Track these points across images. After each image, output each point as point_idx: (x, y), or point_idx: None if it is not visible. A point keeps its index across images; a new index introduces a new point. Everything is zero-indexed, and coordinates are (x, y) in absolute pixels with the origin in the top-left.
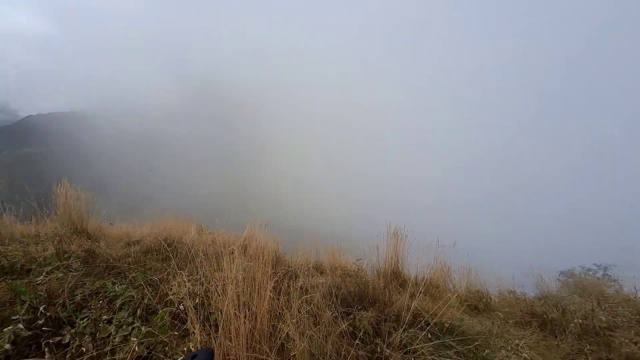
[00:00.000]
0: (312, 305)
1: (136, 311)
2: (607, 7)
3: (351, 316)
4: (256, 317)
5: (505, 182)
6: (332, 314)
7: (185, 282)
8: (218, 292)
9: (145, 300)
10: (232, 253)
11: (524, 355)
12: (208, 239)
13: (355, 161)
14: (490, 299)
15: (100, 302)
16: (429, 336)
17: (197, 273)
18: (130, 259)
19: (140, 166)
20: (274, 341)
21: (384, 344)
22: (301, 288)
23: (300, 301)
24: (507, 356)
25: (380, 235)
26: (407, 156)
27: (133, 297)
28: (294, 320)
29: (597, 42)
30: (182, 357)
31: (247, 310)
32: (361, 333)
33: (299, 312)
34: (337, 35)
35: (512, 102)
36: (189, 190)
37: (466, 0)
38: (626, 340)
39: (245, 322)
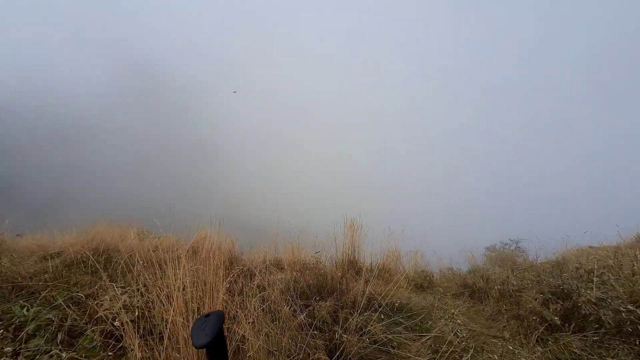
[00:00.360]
0: (268, 302)
1: (56, 336)
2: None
3: (310, 308)
4: None
5: (441, 168)
6: (290, 308)
7: (119, 295)
8: (162, 302)
9: (68, 322)
10: (179, 258)
11: (458, 321)
12: (151, 245)
13: (314, 155)
14: (433, 276)
15: (2, 331)
16: (382, 317)
17: (137, 283)
18: (47, 276)
19: (62, 164)
20: (229, 344)
21: (341, 330)
22: (258, 286)
23: (255, 300)
24: (445, 324)
25: (337, 227)
26: (362, 151)
27: (51, 320)
28: (250, 321)
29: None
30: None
31: (197, 316)
32: (320, 323)
33: (255, 310)
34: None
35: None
36: (128, 189)
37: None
38: (530, 298)
39: None
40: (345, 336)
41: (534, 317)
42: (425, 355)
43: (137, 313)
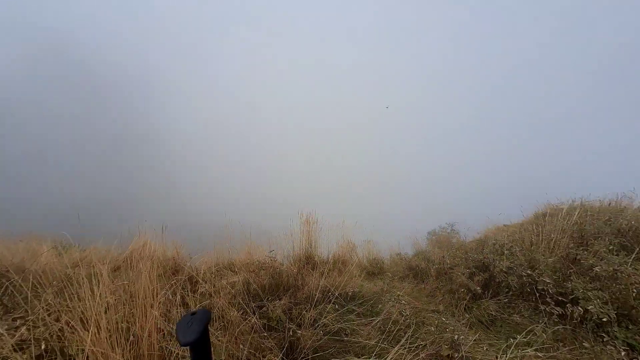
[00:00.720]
0: (215, 309)
1: None
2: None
3: (264, 309)
4: (140, 340)
5: (393, 162)
6: (241, 312)
7: (6, 329)
8: (76, 329)
9: None
10: (100, 274)
11: (403, 301)
12: (69, 261)
13: (268, 151)
14: (383, 263)
15: None
16: (336, 307)
17: (43, 310)
18: None
19: None
20: None
21: (295, 326)
22: (203, 294)
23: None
24: (392, 306)
25: (293, 224)
26: (317, 147)
27: None
28: None
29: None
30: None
31: (125, 339)
32: (275, 322)
33: None
34: None
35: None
36: (41, 193)
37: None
38: (459, 274)
39: (122, 353)
40: (299, 332)
41: (462, 289)
42: (375, 337)
43: (43, 346)
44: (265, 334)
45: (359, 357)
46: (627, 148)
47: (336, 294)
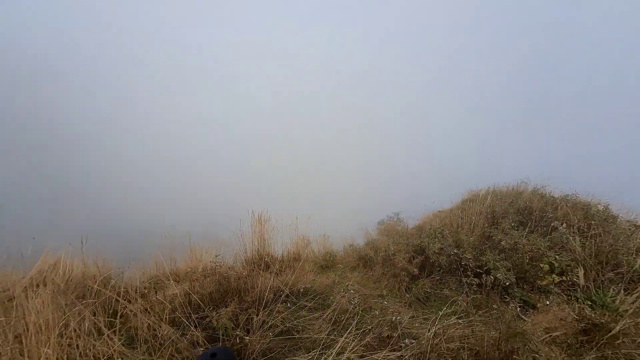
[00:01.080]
0: (141, 330)
1: None
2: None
3: (207, 319)
4: None
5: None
6: (179, 327)
7: None
8: None
9: None
10: None
11: (352, 290)
12: None
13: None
14: (336, 256)
15: None
16: (288, 305)
17: None
18: None
19: None
20: None
21: (242, 333)
22: (128, 315)
23: (119, 336)
24: (342, 296)
25: (244, 224)
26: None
27: None
28: None
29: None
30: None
31: None
32: (222, 331)
33: (117, 348)
34: None
35: None
36: None
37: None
38: (400, 259)
39: None
40: (247, 338)
41: (403, 273)
42: (326, 329)
43: None
44: (209, 347)
45: (309, 352)
46: (529, 139)
47: (287, 292)
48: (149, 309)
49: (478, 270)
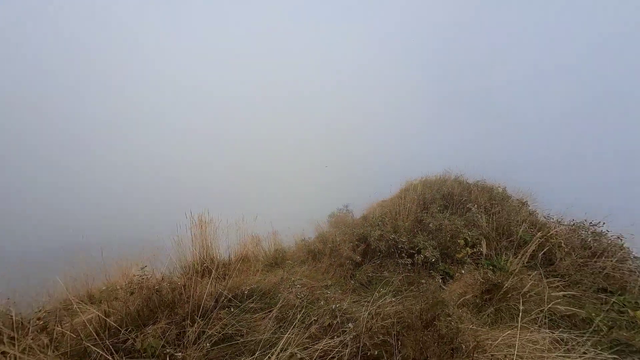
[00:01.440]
0: None
1: None
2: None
3: (129, 342)
4: None
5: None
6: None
7: None
8: None
9: None
10: None
11: (298, 285)
12: None
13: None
14: (285, 252)
15: None
16: (231, 310)
17: None
18: None
19: None
20: None
21: (172, 349)
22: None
23: None
24: (290, 292)
25: (181, 228)
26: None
27: None
28: None
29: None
30: None
31: None
32: (151, 351)
33: None
34: None
35: None
36: None
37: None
38: (345, 248)
39: None
40: (179, 354)
41: (348, 261)
42: (272, 328)
43: None
44: None
45: (254, 354)
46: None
47: (229, 297)
48: (48, 344)
49: (411, 251)
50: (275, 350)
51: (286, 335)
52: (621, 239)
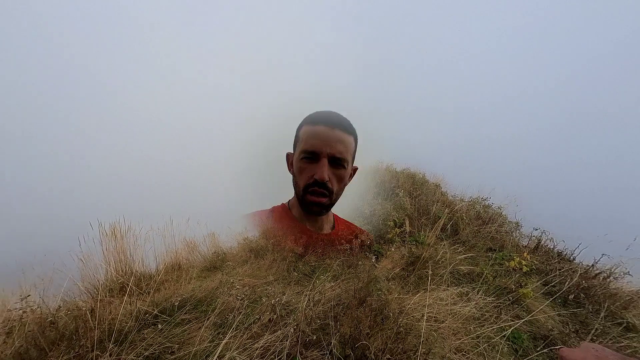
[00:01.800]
0: None
1: None
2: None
3: None
4: None
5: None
6: None
7: None
8: None
9: None
10: None
11: (238, 286)
12: None
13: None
14: (225, 253)
15: None
16: (159, 327)
17: None
18: None
19: None
20: None
21: None
22: None
23: None
24: (229, 294)
25: (88, 243)
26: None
27: None
28: None
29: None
30: None
31: None
32: None
33: None
34: None
35: None
36: None
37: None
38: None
39: None
40: None
41: (291, 254)
42: (209, 337)
43: None
44: None
45: None
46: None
47: (155, 312)
48: None
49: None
50: (213, 358)
51: (224, 341)
52: (500, 208)
